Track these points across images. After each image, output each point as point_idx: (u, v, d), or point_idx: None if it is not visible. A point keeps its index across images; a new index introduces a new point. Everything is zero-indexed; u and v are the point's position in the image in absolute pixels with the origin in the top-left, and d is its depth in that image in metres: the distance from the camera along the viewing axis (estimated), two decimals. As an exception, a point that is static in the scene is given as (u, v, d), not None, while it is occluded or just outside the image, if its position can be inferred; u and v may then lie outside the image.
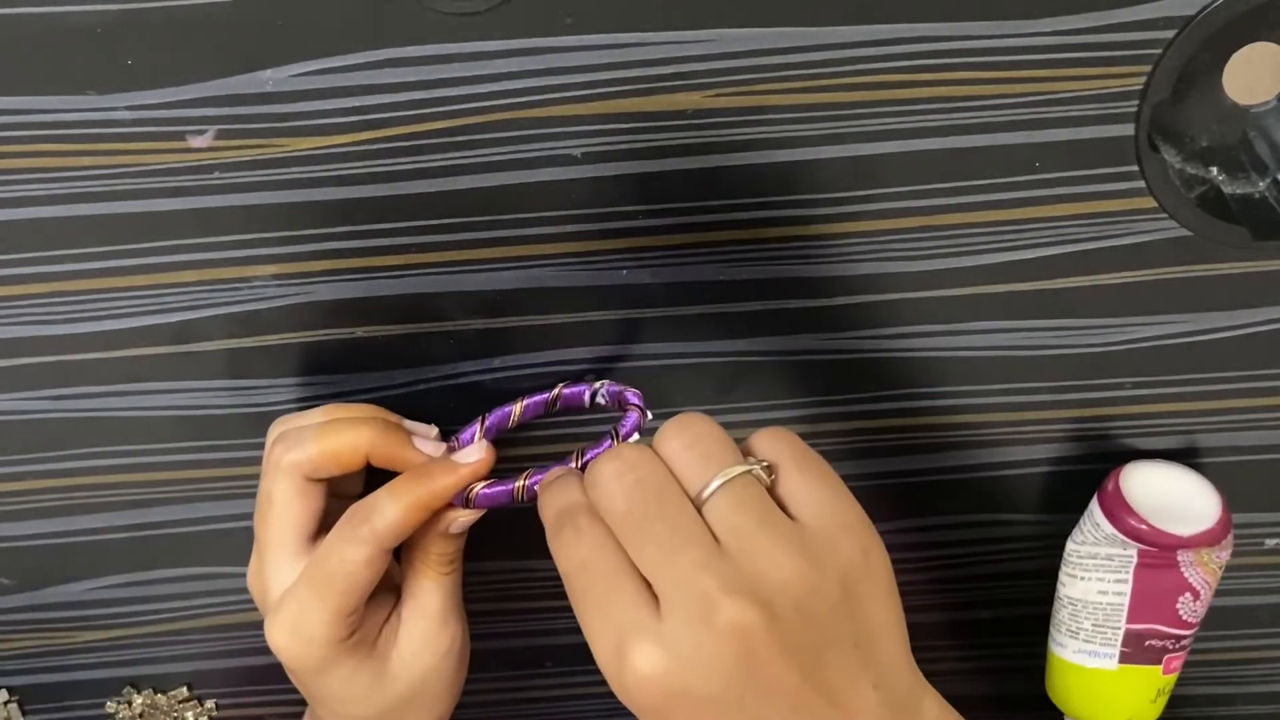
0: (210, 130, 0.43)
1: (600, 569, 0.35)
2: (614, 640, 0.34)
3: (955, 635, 0.57)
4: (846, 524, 0.36)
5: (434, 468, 0.43)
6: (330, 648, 0.43)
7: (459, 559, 0.46)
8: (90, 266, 0.45)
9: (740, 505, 0.35)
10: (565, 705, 0.58)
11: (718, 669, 0.33)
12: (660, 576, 0.34)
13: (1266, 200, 0.44)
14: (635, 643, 0.34)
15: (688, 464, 0.36)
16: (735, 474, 0.35)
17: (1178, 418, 0.50)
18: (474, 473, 0.43)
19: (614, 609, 0.34)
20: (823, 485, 0.37)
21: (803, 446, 0.38)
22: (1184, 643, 0.50)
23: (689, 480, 0.36)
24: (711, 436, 0.36)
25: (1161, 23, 0.41)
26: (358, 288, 0.46)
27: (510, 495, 0.42)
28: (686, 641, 0.33)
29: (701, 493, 0.35)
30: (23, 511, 0.52)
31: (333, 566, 0.42)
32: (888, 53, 0.42)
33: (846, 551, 0.35)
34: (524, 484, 0.42)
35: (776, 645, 0.33)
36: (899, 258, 0.46)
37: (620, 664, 0.34)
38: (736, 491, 0.35)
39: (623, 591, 0.34)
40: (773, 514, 0.35)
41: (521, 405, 0.46)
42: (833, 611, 0.34)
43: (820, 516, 0.36)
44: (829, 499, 0.36)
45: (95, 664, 0.56)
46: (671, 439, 0.37)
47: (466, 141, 0.43)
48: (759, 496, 0.35)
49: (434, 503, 0.42)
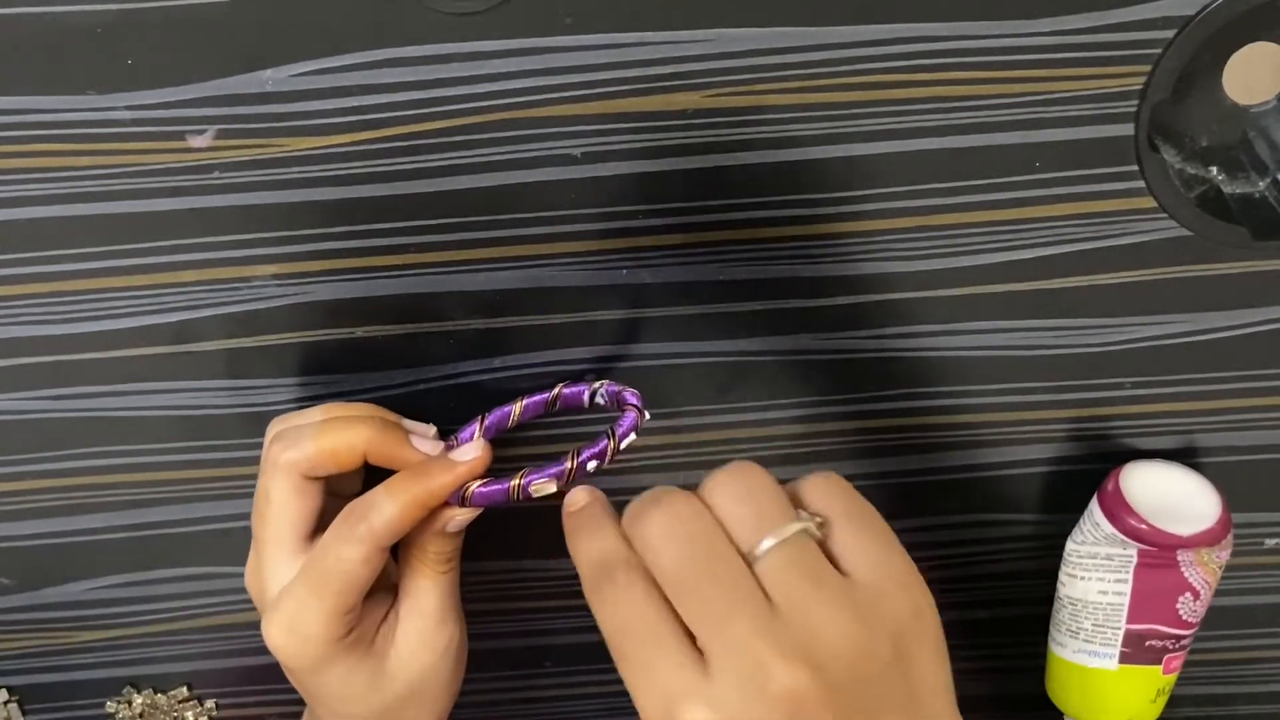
0: (210, 130, 0.43)
1: (645, 630, 0.34)
2: (662, 702, 0.33)
3: (955, 635, 0.56)
4: (899, 581, 0.35)
5: (431, 466, 0.43)
6: (327, 646, 0.43)
7: (457, 558, 0.46)
8: (90, 266, 0.45)
9: (794, 565, 0.34)
10: (565, 705, 0.58)
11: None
12: (711, 639, 0.33)
13: (1266, 200, 0.44)
14: (686, 706, 0.33)
15: (741, 519, 0.35)
16: (790, 533, 0.34)
17: (1177, 418, 0.50)
18: (471, 471, 0.43)
19: (661, 671, 0.34)
20: (875, 540, 0.36)
21: (855, 497, 0.37)
22: (1184, 643, 0.50)
23: (741, 536, 0.35)
24: (764, 491, 0.35)
25: (1161, 23, 0.41)
26: (357, 288, 0.46)
27: (506, 494, 0.42)
28: (738, 706, 0.33)
29: (754, 550, 0.34)
30: (23, 511, 0.52)
31: (330, 565, 0.42)
32: (886, 53, 0.42)
33: (899, 610, 0.35)
34: (519, 483, 0.42)
35: (828, 709, 0.33)
36: (898, 257, 0.46)
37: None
38: (790, 551, 0.34)
39: (669, 652, 0.34)
40: (826, 573, 0.34)
41: (521, 405, 0.46)
42: (884, 672, 0.34)
43: (873, 573, 0.35)
44: (882, 555, 0.35)
45: (95, 664, 0.56)
46: (723, 490, 0.35)
47: (465, 141, 0.43)
48: (813, 555, 0.35)
49: (431, 501, 0.42)
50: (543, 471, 0.42)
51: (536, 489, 0.42)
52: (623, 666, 0.35)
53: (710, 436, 0.50)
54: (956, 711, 0.36)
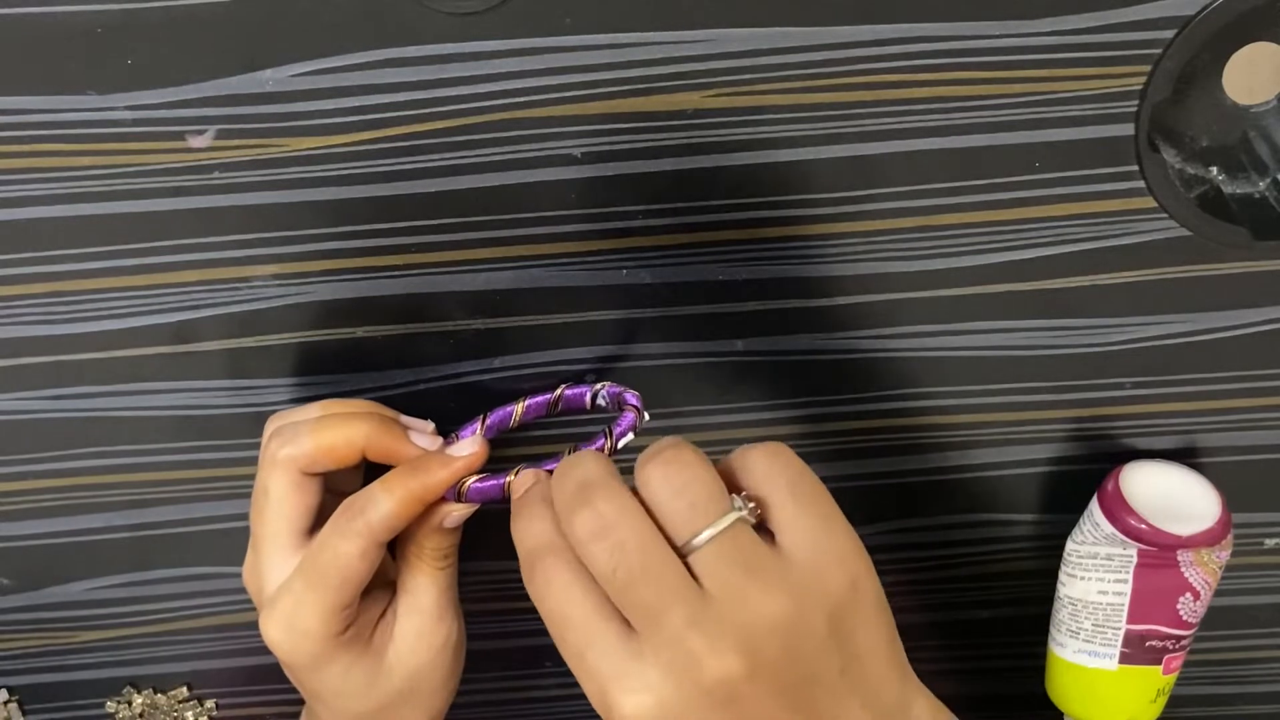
0: (210, 130, 0.43)
1: (577, 618, 0.35)
2: (598, 688, 0.35)
3: (955, 635, 0.57)
4: (836, 555, 0.36)
5: (428, 461, 0.43)
6: (325, 642, 0.43)
7: (454, 554, 0.46)
8: (90, 266, 0.45)
9: (727, 555, 0.34)
10: (565, 705, 0.58)
11: (707, 717, 0.34)
12: (646, 633, 0.34)
13: (1266, 200, 0.44)
14: (621, 693, 0.34)
15: (675, 513, 0.35)
16: (723, 526, 0.35)
17: (1178, 418, 0.50)
18: (468, 466, 0.43)
19: (595, 658, 0.35)
20: (814, 516, 0.36)
21: (797, 470, 0.37)
22: (1184, 643, 0.50)
23: (675, 528, 0.35)
24: (699, 481, 0.35)
25: (1161, 23, 0.41)
26: (357, 288, 0.46)
27: (501, 490, 0.42)
28: (673, 693, 0.34)
29: (689, 542, 0.35)
30: (23, 511, 0.52)
31: (327, 560, 0.42)
32: (887, 53, 0.42)
33: (834, 585, 0.35)
34: (514, 480, 0.42)
35: (764, 688, 0.34)
36: (898, 258, 0.46)
37: (608, 711, 0.35)
38: (724, 542, 0.35)
39: (603, 640, 0.35)
40: (760, 559, 0.35)
41: (523, 405, 0.46)
42: (820, 646, 0.35)
43: (809, 549, 0.35)
44: (820, 530, 0.36)
45: (95, 664, 0.56)
46: (657, 483, 0.35)
47: (466, 141, 0.43)
48: (747, 542, 0.35)
49: (427, 496, 0.42)
50: (539, 468, 0.42)
51: None
52: (561, 649, 0.36)
53: (710, 436, 0.50)
54: (897, 659, 0.37)
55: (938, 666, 0.57)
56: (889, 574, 0.40)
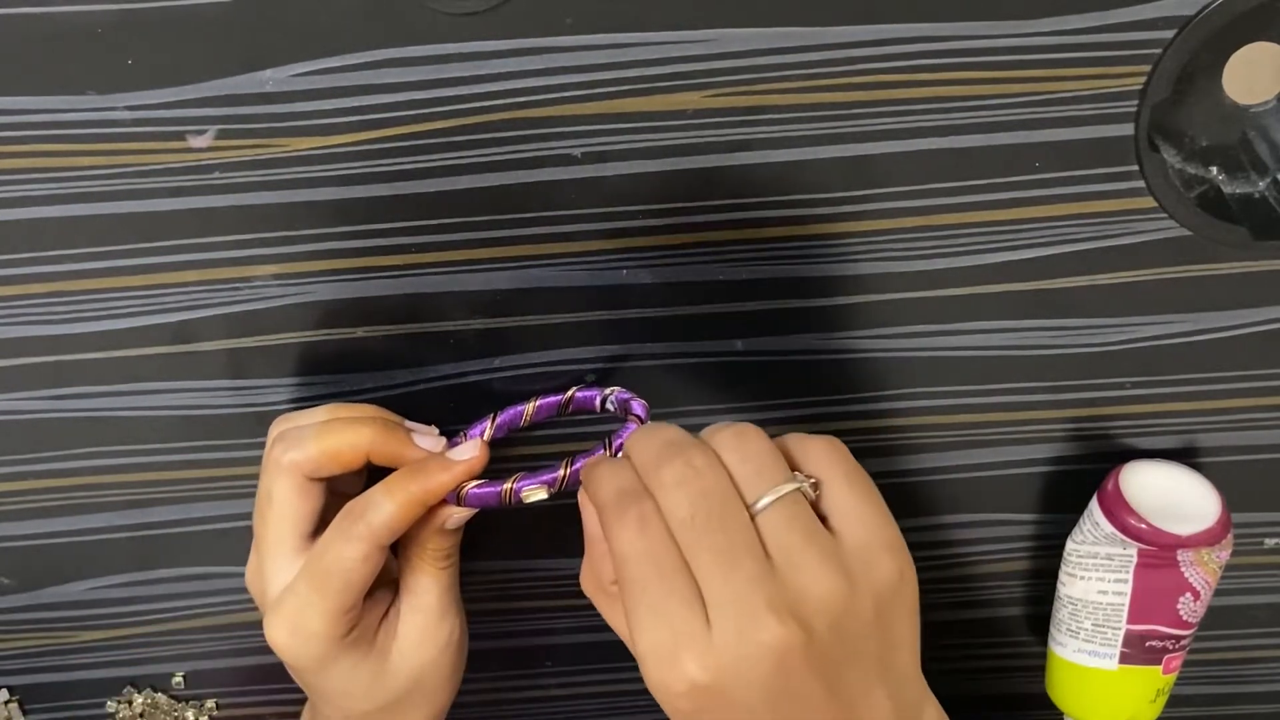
0: (210, 130, 0.43)
1: (662, 565, 0.35)
2: (667, 641, 0.35)
3: (955, 635, 0.57)
4: (887, 544, 0.37)
5: (429, 464, 0.43)
6: (330, 644, 0.43)
7: (456, 554, 0.46)
8: (90, 266, 0.46)
9: (789, 522, 0.35)
10: (565, 705, 0.58)
11: (756, 681, 0.34)
12: (714, 586, 0.35)
13: (1266, 200, 0.44)
14: (688, 649, 0.34)
15: (742, 476, 0.36)
16: (785, 491, 0.36)
17: (1177, 417, 0.50)
18: (469, 470, 0.43)
19: (670, 610, 0.35)
20: (867, 503, 0.37)
21: (853, 461, 0.38)
22: (1184, 643, 0.50)
23: (742, 491, 0.36)
24: (765, 452, 0.37)
25: (1161, 23, 0.41)
26: (357, 288, 0.46)
27: (498, 497, 0.42)
28: (732, 653, 0.34)
29: (754, 505, 0.36)
30: (23, 511, 0.52)
31: (330, 563, 0.42)
32: (887, 53, 0.42)
33: (884, 572, 0.36)
34: (511, 487, 0.42)
35: (811, 662, 0.34)
36: (898, 257, 0.46)
37: (669, 666, 0.35)
38: (786, 508, 0.36)
39: (680, 595, 0.35)
40: (818, 531, 0.36)
41: (534, 405, 0.46)
42: (864, 629, 0.35)
43: (862, 534, 0.36)
44: (872, 517, 0.37)
45: (95, 664, 0.56)
46: (728, 449, 0.37)
47: (465, 141, 0.43)
48: (806, 513, 0.36)
49: (428, 499, 0.43)
50: (535, 478, 0.42)
51: (528, 494, 0.42)
52: (629, 596, 0.36)
53: (710, 436, 0.50)
54: (919, 668, 0.38)
55: (938, 666, 0.57)
56: (906, 552, 0.40)
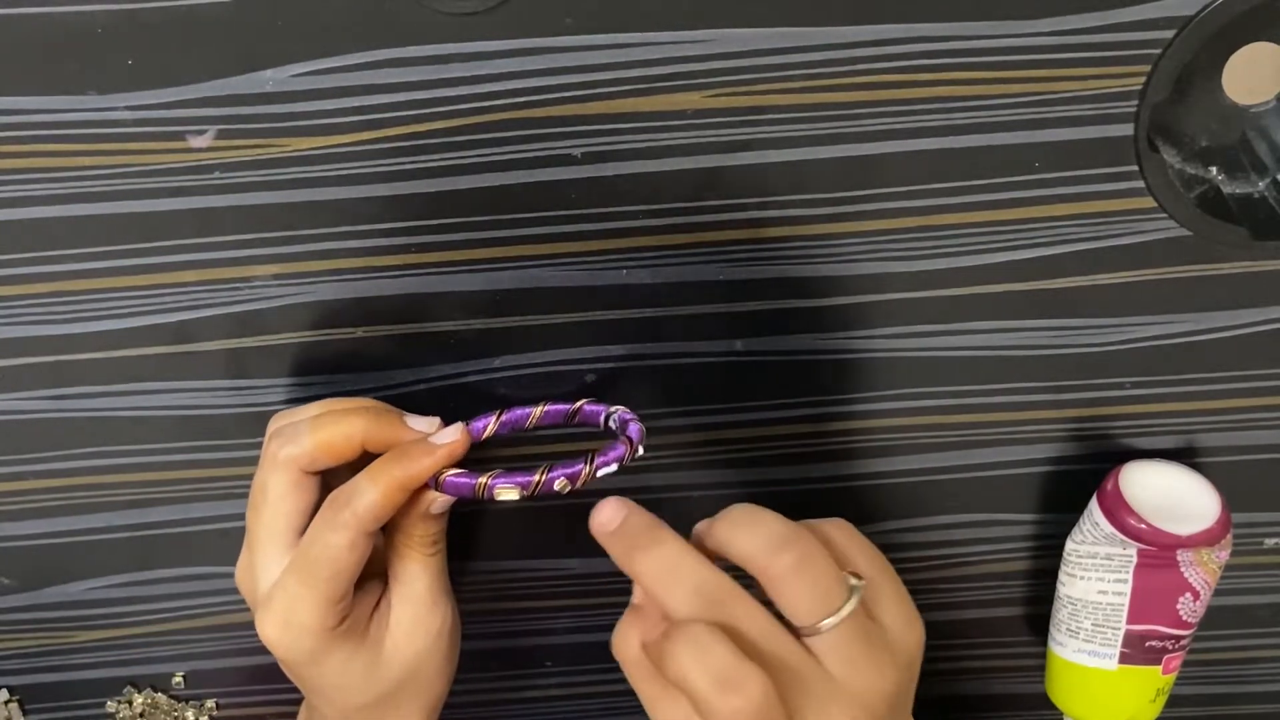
0: (210, 130, 0.43)
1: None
2: None
3: (955, 635, 0.57)
4: (911, 617, 0.40)
5: (411, 448, 0.43)
6: (322, 637, 0.43)
7: (442, 539, 0.46)
8: (90, 266, 0.46)
9: (851, 637, 0.38)
10: (565, 705, 0.58)
11: None
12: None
13: (1266, 200, 0.44)
14: None
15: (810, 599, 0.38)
16: (849, 611, 0.38)
17: (1177, 417, 0.50)
18: (450, 454, 0.42)
19: None
20: (892, 584, 0.40)
21: (868, 544, 0.41)
22: (1183, 643, 0.50)
23: (806, 611, 0.38)
24: (829, 575, 0.38)
25: (1161, 23, 0.41)
26: (357, 288, 0.46)
27: (472, 490, 0.42)
28: None
29: (815, 625, 0.38)
30: (23, 511, 0.52)
31: (317, 554, 0.42)
32: (887, 53, 0.42)
33: (913, 644, 0.40)
34: (485, 482, 0.42)
35: None
36: (898, 257, 0.46)
37: None
38: (851, 624, 0.38)
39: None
40: (875, 636, 0.39)
41: (541, 410, 0.46)
42: (904, 699, 0.40)
43: (901, 620, 0.40)
44: (904, 601, 0.40)
45: (95, 664, 0.56)
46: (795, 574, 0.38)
47: (465, 141, 0.43)
48: (865, 622, 0.39)
49: (411, 483, 0.42)
50: (510, 478, 0.41)
51: (500, 492, 0.41)
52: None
53: (710, 436, 0.50)
54: None
55: (938, 666, 0.57)
56: (920, 617, 0.41)
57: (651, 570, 0.38)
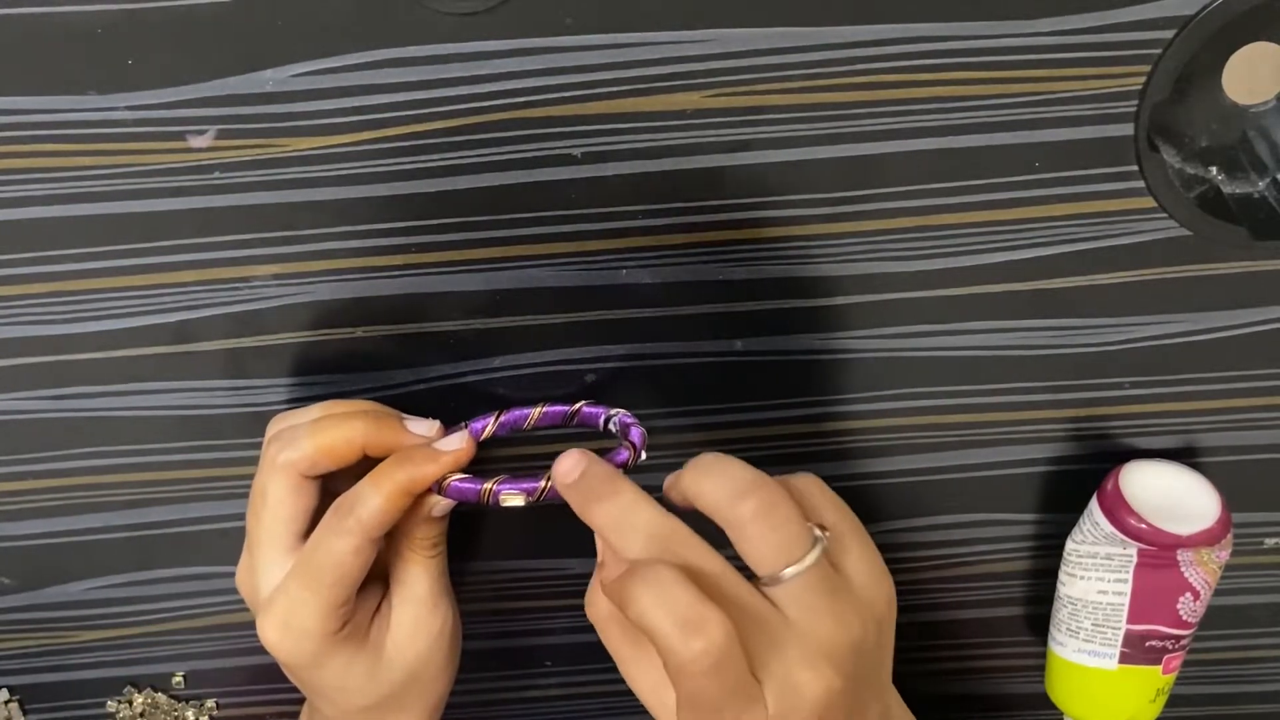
0: (210, 130, 0.43)
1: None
2: None
3: (955, 635, 0.57)
4: (880, 574, 0.40)
5: (415, 454, 0.43)
6: (324, 640, 0.43)
7: (443, 542, 0.46)
8: (90, 266, 0.46)
9: (815, 586, 0.37)
10: (565, 705, 0.58)
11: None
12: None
13: (1266, 200, 0.44)
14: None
15: (771, 546, 0.37)
16: (812, 561, 0.37)
17: (1177, 417, 0.50)
18: (455, 461, 0.42)
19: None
20: (865, 542, 0.40)
21: (837, 498, 0.41)
22: (1183, 643, 0.50)
23: (768, 560, 0.37)
24: (792, 521, 0.38)
25: (1161, 23, 0.41)
26: (357, 288, 0.46)
27: (477, 495, 0.42)
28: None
29: (777, 574, 0.37)
30: (23, 511, 0.52)
31: (321, 559, 0.42)
32: (886, 53, 0.42)
33: (881, 602, 0.39)
34: (490, 488, 0.42)
35: (846, 698, 0.37)
36: (898, 257, 0.46)
37: None
38: (811, 574, 0.37)
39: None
40: (837, 585, 0.38)
41: (540, 411, 0.46)
42: (871, 656, 0.39)
43: (865, 572, 0.39)
44: (869, 554, 0.40)
45: (95, 664, 0.56)
46: (753, 522, 0.37)
47: (465, 141, 0.43)
48: (827, 571, 0.38)
49: (414, 488, 0.42)
50: (517, 483, 0.41)
51: (506, 498, 0.41)
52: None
53: (710, 436, 0.50)
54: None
55: (938, 666, 0.57)
56: (890, 574, 0.40)
57: (607, 518, 0.38)
